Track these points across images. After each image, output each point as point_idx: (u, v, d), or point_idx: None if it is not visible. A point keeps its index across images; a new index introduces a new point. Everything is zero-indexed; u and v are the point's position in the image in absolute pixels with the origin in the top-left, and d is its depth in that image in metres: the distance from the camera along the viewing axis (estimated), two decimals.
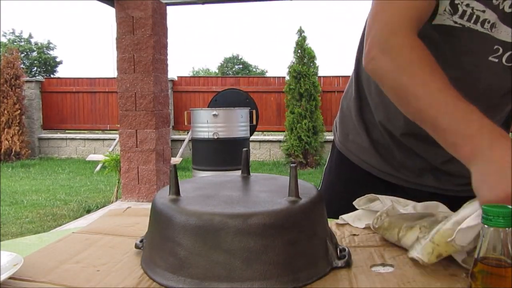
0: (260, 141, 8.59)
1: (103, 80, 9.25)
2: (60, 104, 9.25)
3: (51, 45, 29.33)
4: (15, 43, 26.21)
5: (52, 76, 24.73)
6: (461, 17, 0.71)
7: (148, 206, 0.70)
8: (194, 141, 5.00)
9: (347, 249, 0.65)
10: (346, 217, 0.87)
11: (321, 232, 0.64)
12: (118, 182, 4.82)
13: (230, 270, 0.56)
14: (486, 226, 0.46)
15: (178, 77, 9.13)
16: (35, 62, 28.28)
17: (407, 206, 0.81)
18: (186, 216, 0.59)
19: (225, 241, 0.56)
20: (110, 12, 9.91)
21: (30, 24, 61.60)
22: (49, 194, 5.48)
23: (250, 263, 0.56)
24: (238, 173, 0.84)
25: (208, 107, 5.82)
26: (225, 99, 5.82)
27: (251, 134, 5.39)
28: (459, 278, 0.59)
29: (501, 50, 0.74)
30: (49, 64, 28.69)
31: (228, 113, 4.84)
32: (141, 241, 0.70)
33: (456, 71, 0.75)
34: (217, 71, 34.73)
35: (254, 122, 5.53)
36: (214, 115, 4.77)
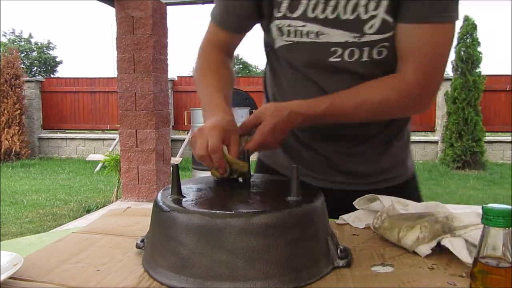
0: None
1: (103, 80, 9.25)
2: (60, 104, 9.25)
3: (51, 45, 29.33)
4: (15, 43, 26.20)
5: (52, 76, 24.73)
6: (288, 35, 0.88)
7: (148, 206, 0.70)
8: None
9: (347, 249, 0.65)
10: (346, 217, 0.87)
11: (323, 232, 0.64)
12: (118, 182, 4.82)
13: (233, 269, 0.56)
14: (486, 226, 0.46)
15: (178, 77, 9.12)
16: (35, 62, 28.27)
17: (407, 206, 0.81)
18: (188, 215, 0.59)
19: (228, 240, 0.56)
20: (110, 12, 9.91)
21: (30, 24, 61.59)
22: (49, 194, 5.48)
23: (252, 262, 0.56)
24: None
25: None
26: None
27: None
28: (459, 278, 0.60)
29: (340, 50, 0.86)
30: (49, 64, 28.69)
31: None
32: (142, 241, 0.70)
33: (308, 79, 0.92)
34: None
35: None
36: None
